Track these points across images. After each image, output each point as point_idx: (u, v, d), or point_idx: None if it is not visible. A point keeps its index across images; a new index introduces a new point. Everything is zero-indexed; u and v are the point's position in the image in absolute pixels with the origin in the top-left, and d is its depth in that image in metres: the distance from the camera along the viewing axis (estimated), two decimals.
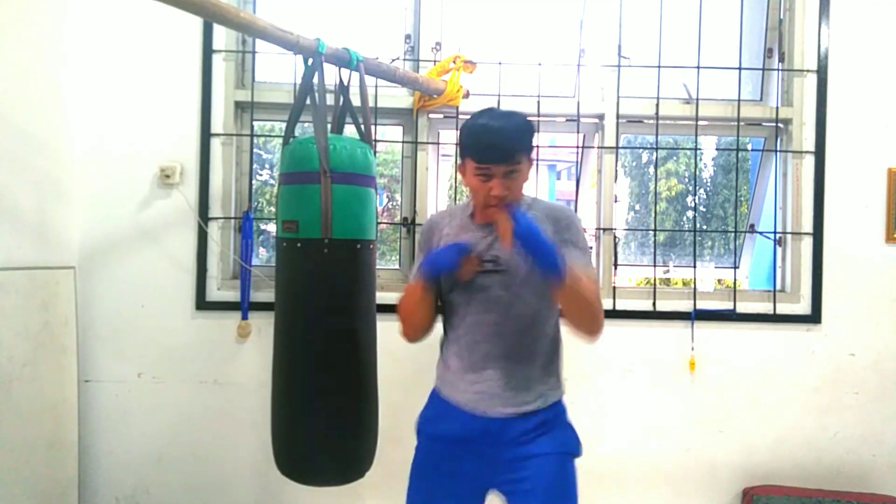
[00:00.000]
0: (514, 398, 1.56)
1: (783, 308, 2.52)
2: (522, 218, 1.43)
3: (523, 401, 1.56)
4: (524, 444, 1.55)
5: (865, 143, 2.52)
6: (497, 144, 1.49)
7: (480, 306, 1.57)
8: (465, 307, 1.59)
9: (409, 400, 1.75)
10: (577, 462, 1.56)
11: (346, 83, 2.00)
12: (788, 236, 2.55)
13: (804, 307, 2.52)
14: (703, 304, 2.51)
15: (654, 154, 2.60)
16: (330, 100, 1.95)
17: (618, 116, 2.55)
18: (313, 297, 1.83)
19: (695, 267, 2.53)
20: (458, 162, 1.61)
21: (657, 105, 2.52)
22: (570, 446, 1.62)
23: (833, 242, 2.51)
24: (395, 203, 2.98)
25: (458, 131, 1.60)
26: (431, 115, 2.54)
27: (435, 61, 2.47)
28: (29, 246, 2.17)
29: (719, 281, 2.69)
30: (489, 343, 1.57)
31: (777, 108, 2.54)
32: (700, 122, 2.55)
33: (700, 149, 2.60)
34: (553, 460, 1.55)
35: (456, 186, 2.65)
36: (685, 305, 2.51)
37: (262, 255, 2.77)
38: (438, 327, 1.68)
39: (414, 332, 1.64)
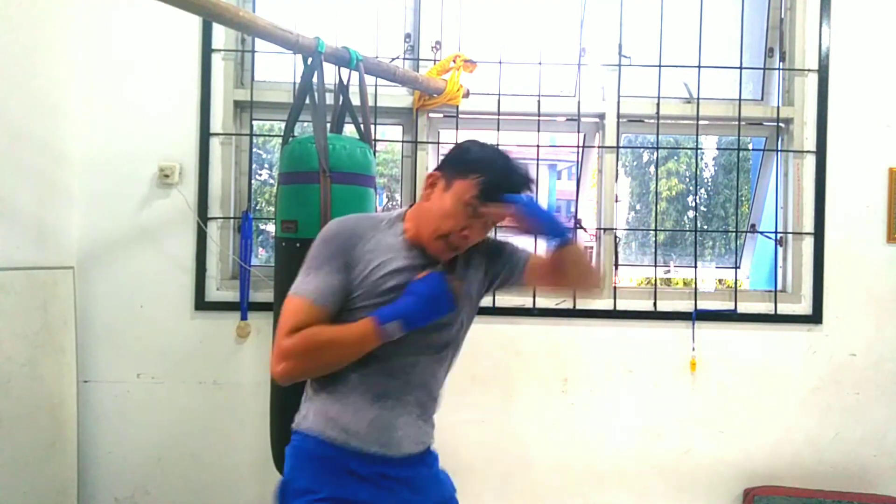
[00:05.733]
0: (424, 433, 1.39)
1: (784, 308, 2.51)
2: (527, 199, 1.28)
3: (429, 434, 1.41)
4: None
5: (866, 142, 2.51)
6: (529, 184, 1.30)
7: (409, 349, 1.30)
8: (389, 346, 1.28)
9: None
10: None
11: (345, 82, 1.99)
12: (789, 236, 2.54)
13: (805, 307, 2.51)
14: (703, 305, 2.50)
15: (655, 153, 2.59)
16: (329, 99, 1.95)
17: (618, 116, 2.54)
18: None
19: (696, 267, 2.53)
20: (442, 175, 1.32)
21: (658, 104, 2.52)
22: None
23: (834, 242, 2.50)
24: (394, 203, 2.97)
25: (464, 150, 1.34)
26: (431, 115, 2.54)
27: (435, 60, 2.46)
28: (28, 246, 2.16)
29: (720, 281, 2.68)
30: (409, 384, 1.34)
31: (778, 107, 2.53)
32: (701, 122, 2.54)
33: (701, 148, 2.59)
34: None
35: None
36: (686, 305, 2.50)
37: (262, 255, 2.76)
38: None
39: (314, 373, 1.34)
